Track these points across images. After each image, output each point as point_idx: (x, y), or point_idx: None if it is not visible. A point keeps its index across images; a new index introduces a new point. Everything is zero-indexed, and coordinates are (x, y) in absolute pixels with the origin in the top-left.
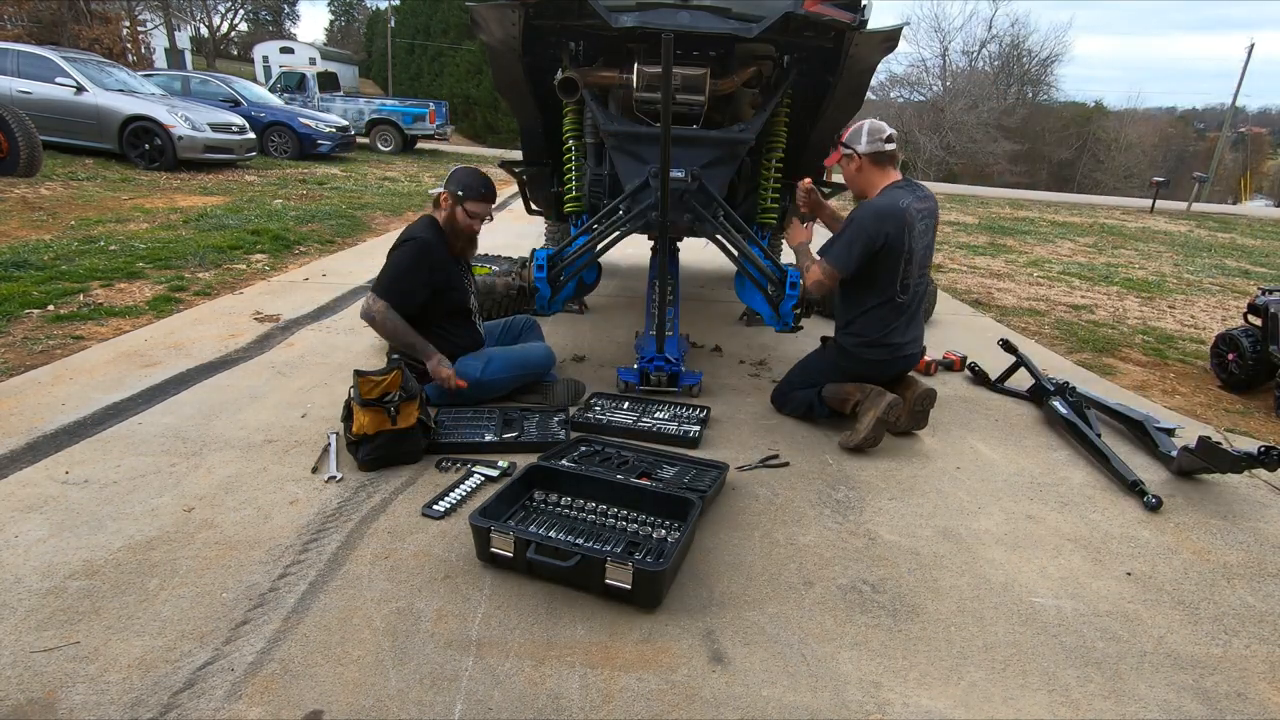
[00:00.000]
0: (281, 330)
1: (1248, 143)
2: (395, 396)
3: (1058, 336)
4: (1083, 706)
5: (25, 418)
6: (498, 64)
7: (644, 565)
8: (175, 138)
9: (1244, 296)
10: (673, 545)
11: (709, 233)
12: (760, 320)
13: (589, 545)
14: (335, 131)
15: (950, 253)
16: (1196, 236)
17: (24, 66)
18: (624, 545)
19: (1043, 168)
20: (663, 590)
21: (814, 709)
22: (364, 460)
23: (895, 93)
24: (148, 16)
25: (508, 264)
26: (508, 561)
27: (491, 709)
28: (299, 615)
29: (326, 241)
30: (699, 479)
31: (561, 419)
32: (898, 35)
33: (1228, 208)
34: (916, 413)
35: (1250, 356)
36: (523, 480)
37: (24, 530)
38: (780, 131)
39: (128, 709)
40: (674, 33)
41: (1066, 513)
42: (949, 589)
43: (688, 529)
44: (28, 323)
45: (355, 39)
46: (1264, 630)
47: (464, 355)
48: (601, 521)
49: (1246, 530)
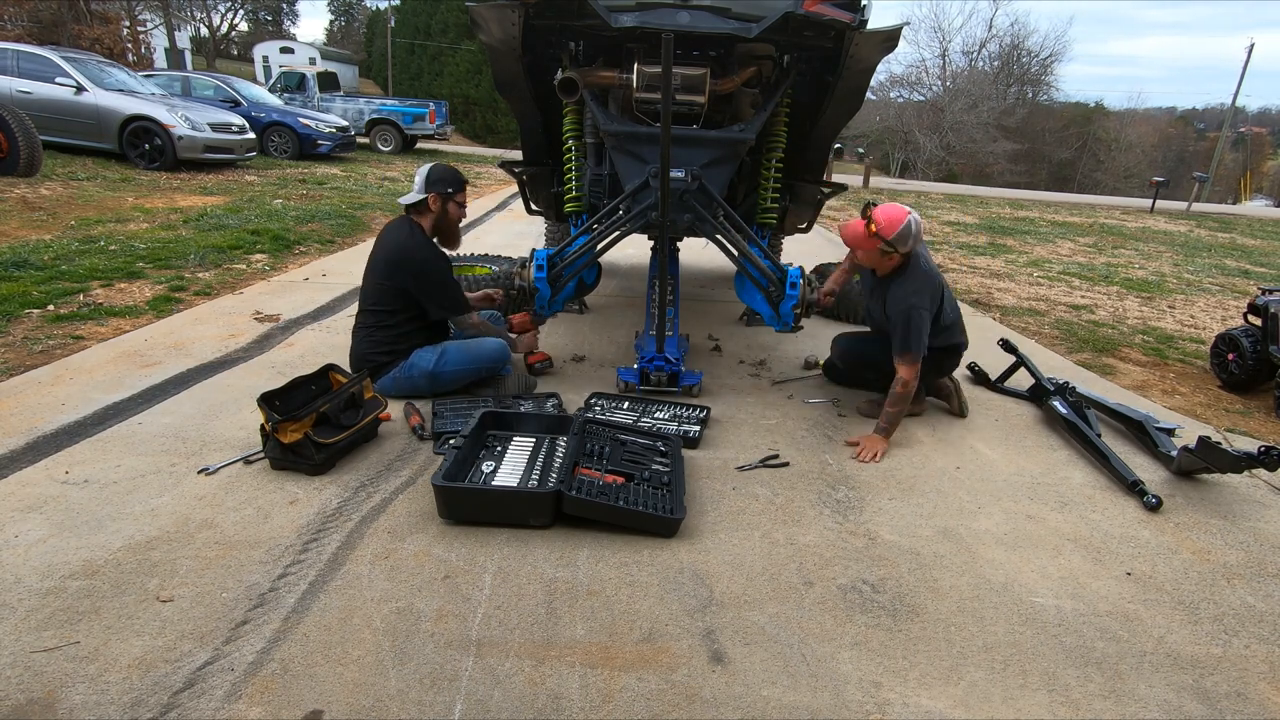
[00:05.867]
0: (281, 330)
1: (1248, 143)
2: (272, 420)
3: (1058, 336)
4: (1083, 706)
5: (25, 418)
6: (498, 64)
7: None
8: (175, 138)
9: (1244, 296)
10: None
11: (709, 233)
12: (760, 320)
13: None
14: (335, 132)
15: (950, 253)
16: (1196, 236)
17: (24, 66)
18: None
19: (1043, 168)
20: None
21: (814, 709)
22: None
23: (895, 93)
24: (148, 16)
25: (508, 264)
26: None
27: (491, 709)
28: (299, 615)
29: (326, 241)
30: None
31: (555, 403)
32: (898, 35)
33: (1228, 208)
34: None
35: (1250, 356)
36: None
37: (24, 530)
38: (780, 131)
39: (128, 709)
40: (674, 33)
41: (1066, 513)
42: (949, 589)
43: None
44: (28, 323)
45: (355, 39)
46: (1264, 630)
47: (421, 348)
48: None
49: (1246, 530)
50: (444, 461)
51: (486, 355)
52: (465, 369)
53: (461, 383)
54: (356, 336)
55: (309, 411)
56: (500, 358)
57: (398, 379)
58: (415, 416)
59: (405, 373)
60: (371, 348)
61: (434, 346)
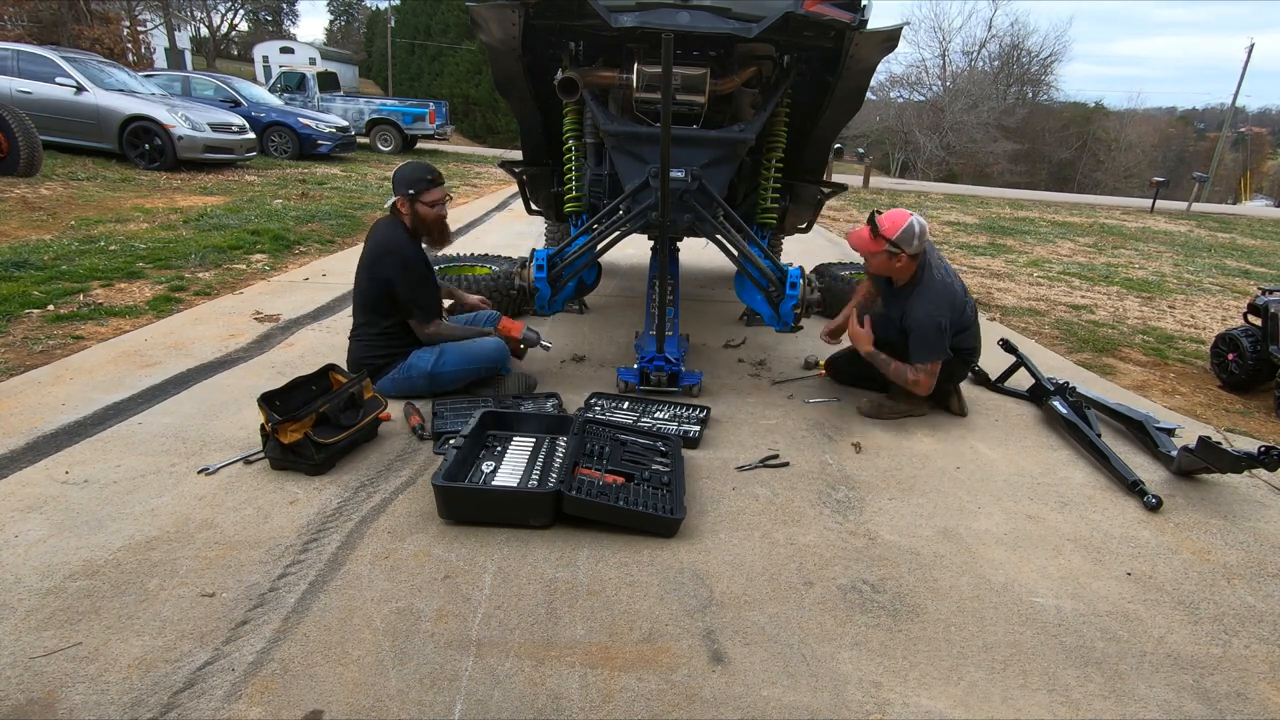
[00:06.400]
0: (281, 330)
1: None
2: (272, 420)
3: (1058, 336)
4: (1083, 706)
5: (25, 418)
6: (498, 64)
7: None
8: (175, 137)
9: (1244, 296)
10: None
11: (709, 233)
12: (760, 320)
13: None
14: (335, 132)
15: (950, 253)
16: (1196, 236)
17: (24, 66)
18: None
19: (1043, 168)
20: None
21: (814, 709)
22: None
23: (895, 93)
24: (148, 16)
25: (508, 264)
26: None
27: (491, 709)
28: (299, 615)
29: (326, 241)
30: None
31: (555, 403)
32: (898, 35)
33: (1228, 208)
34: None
35: (1250, 356)
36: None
37: (24, 530)
38: (780, 131)
39: (128, 709)
40: (674, 33)
41: (1066, 513)
42: (949, 589)
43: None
44: (28, 323)
45: (355, 39)
46: (1264, 630)
47: (419, 349)
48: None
49: (1246, 530)
50: (444, 461)
51: (485, 355)
52: (464, 369)
53: (460, 383)
54: (352, 342)
55: (309, 412)
56: (499, 358)
57: (397, 380)
58: (415, 416)
59: (404, 374)
60: (367, 352)
61: (433, 348)
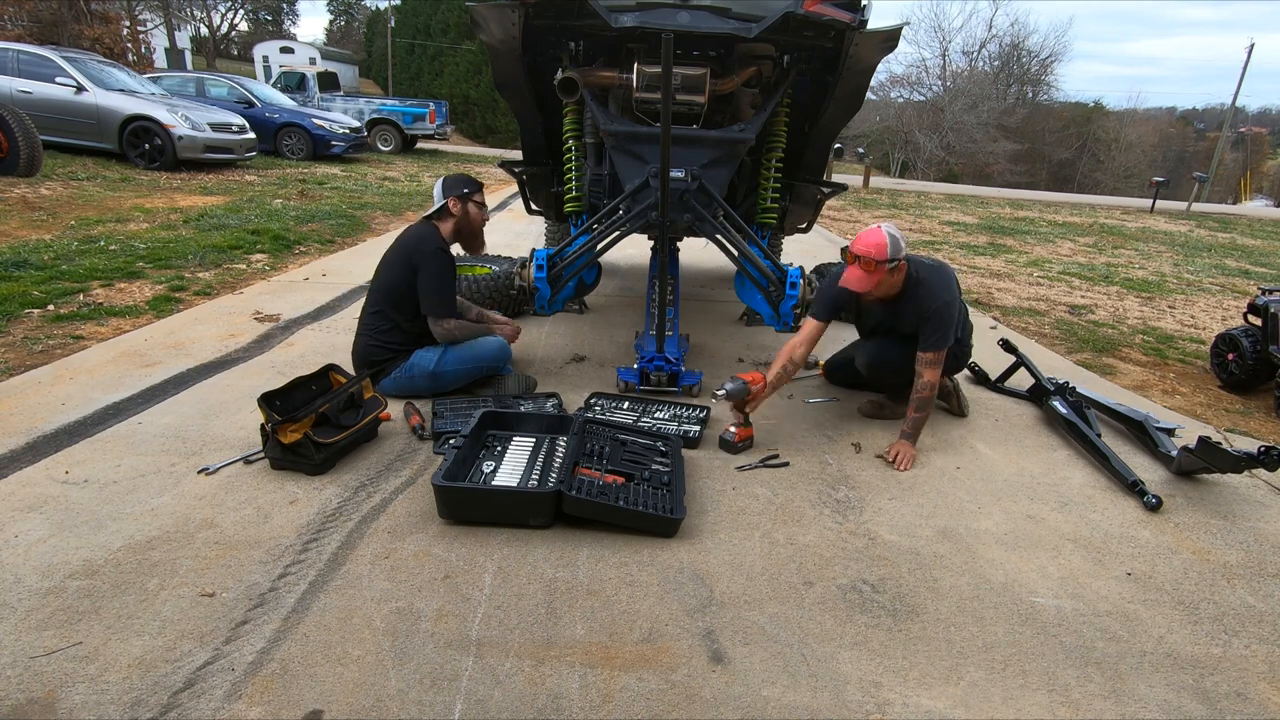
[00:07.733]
0: (281, 330)
1: (1248, 143)
2: (272, 420)
3: (1058, 336)
4: (1083, 706)
5: (25, 418)
6: (498, 64)
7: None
8: (175, 137)
9: (1244, 296)
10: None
11: (709, 233)
12: (760, 320)
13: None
14: (349, 133)
15: (950, 252)
16: (1196, 236)
17: (24, 66)
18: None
19: (1043, 168)
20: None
21: (814, 709)
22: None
23: (895, 93)
24: (148, 16)
25: (508, 264)
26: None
27: (491, 709)
28: (299, 615)
29: (326, 241)
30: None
31: (556, 403)
32: (898, 35)
33: (1228, 208)
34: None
35: (1250, 356)
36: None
37: (24, 530)
38: (780, 131)
39: (128, 709)
40: (674, 33)
41: (1066, 513)
42: (949, 589)
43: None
44: (28, 323)
45: (355, 39)
46: (1264, 630)
47: (423, 348)
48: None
49: (1246, 530)
50: (444, 461)
51: (487, 355)
52: (466, 368)
53: (462, 382)
54: (360, 335)
55: (309, 412)
56: (500, 357)
57: (398, 379)
58: (415, 416)
59: (406, 372)
60: (374, 345)
61: (435, 346)
